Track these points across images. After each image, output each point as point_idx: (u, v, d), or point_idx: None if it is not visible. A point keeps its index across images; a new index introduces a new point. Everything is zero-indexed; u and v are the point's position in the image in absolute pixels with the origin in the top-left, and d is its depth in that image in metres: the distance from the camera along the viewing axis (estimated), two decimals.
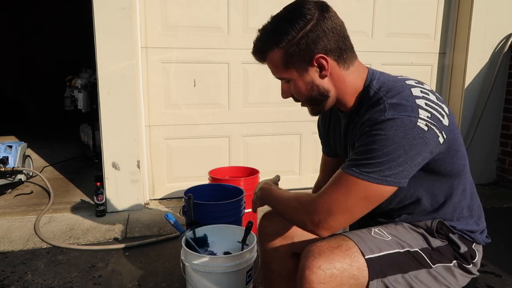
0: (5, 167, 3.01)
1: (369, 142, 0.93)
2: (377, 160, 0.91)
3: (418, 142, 0.91)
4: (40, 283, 1.88)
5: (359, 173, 0.92)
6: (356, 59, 1.07)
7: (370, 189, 0.93)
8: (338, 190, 0.95)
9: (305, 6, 0.98)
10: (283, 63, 1.02)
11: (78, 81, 3.64)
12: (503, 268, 2.01)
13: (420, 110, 0.93)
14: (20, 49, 7.42)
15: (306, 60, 0.99)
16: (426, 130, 0.91)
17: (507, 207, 2.91)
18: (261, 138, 3.07)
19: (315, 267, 0.93)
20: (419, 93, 0.97)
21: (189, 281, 1.55)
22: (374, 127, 0.93)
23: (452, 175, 1.06)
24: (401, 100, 0.94)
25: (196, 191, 2.00)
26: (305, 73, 1.02)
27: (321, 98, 1.05)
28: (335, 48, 1.00)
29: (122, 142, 2.62)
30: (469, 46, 3.11)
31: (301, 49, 0.98)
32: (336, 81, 1.03)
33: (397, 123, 0.90)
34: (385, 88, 1.00)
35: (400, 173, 0.92)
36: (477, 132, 3.22)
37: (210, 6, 2.78)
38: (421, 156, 0.93)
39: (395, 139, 0.90)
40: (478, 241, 1.12)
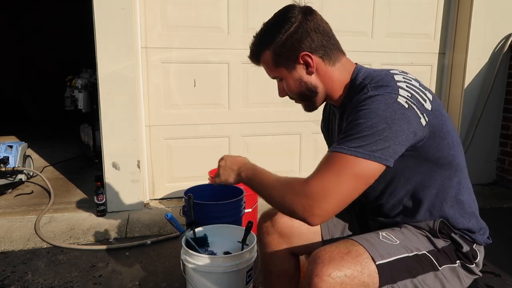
0: (6, 167, 3.01)
1: (353, 119, 0.97)
2: (362, 133, 0.93)
3: (400, 117, 0.94)
4: (40, 283, 1.88)
5: (346, 149, 0.93)
6: (344, 57, 1.14)
7: (359, 165, 0.92)
8: (329, 171, 0.94)
9: (290, 11, 1.07)
10: (273, 63, 1.11)
11: (78, 81, 3.64)
12: (503, 268, 2.02)
13: (400, 90, 0.98)
14: (20, 49, 7.42)
15: (293, 59, 1.08)
16: (407, 107, 0.95)
17: (507, 207, 2.91)
18: (261, 138, 3.07)
19: (325, 274, 0.92)
20: (401, 78, 1.03)
21: (189, 281, 1.55)
22: (358, 105, 0.98)
23: (442, 164, 1.06)
24: (383, 83, 1.00)
25: (196, 191, 2.01)
26: (293, 71, 1.10)
27: (310, 94, 1.13)
28: (319, 46, 1.07)
29: (122, 142, 2.62)
30: (469, 46, 3.12)
31: (287, 49, 1.07)
32: (323, 77, 1.11)
33: (378, 98, 0.96)
34: (370, 77, 1.06)
35: (386, 150, 0.93)
36: (477, 132, 3.22)
37: (210, 6, 2.78)
38: (404, 134, 0.95)
39: (378, 112, 0.94)
40: (478, 241, 1.12)
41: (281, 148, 3.11)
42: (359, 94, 1.01)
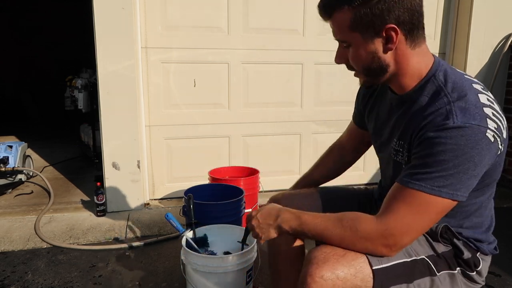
0: (6, 167, 3.01)
1: (437, 152, 0.88)
2: (447, 172, 0.87)
3: (485, 153, 0.88)
4: (40, 283, 1.88)
5: (431, 189, 0.88)
6: (425, 43, 1.01)
7: (442, 204, 0.89)
8: (411, 211, 0.90)
9: None
10: (350, 24, 0.94)
11: (78, 81, 3.64)
12: (503, 268, 2.02)
13: (488, 120, 0.88)
14: (20, 49, 7.42)
15: (376, 28, 0.93)
16: (492, 142, 0.88)
17: (507, 207, 2.91)
18: (261, 138, 3.07)
19: (317, 276, 0.91)
20: (486, 100, 0.93)
21: (189, 281, 1.55)
22: (442, 134, 0.87)
23: (487, 185, 1.03)
24: (469, 105, 0.89)
25: (196, 191, 2.01)
26: (369, 42, 0.95)
27: (379, 72, 0.99)
28: (408, 21, 0.94)
29: (122, 142, 2.62)
30: (469, 46, 3.11)
31: (374, 14, 0.91)
32: (399, 57, 0.97)
33: (467, 132, 0.86)
34: (451, 84, 0.95)
35: (467, 187, 0.90)
36: None
37: (210, 6, 2.78)
38: (484, 168, 0.91)
39: (466, 150, 0.86)
40: (483, 251, 1.09)
41: (281, 148, 3.10)
42: (438, 106, 0.91)
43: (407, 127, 0.99)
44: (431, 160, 0.88)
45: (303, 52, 2.99)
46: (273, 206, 1.11)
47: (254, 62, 2.92)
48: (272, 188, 2.80)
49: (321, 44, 3.02)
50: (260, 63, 2.93)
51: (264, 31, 2.87)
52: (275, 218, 1.05)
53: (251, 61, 2.91)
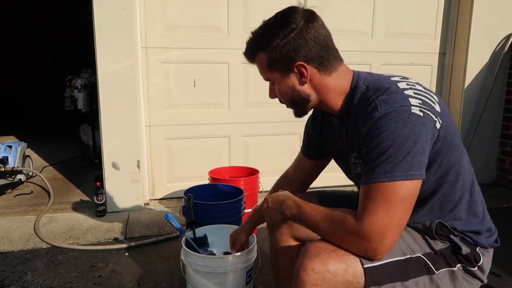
0: (5, 167, 3.01)
1: (376, 143, 0.94)
2: (391, 157, 0.92)
3: (420, 128, 0.94)
4: (40, 283, 1.88)
5: (383, 177, 0.92)
6: (341, 65, 1.10)
7: (401, 188, 0.92)
8: (377, 206, 0.92)
9: (292, 15, 1.03)
10: (267, 65, 1.08)
11: (78, 81, 3.64)
12: (503, 268, 2.01)
13: (410, 99, 0.96)
14: (20, 49, 7.42)
15: (287, 66, 1.05)
16: (422, 116, 0.95)
17: (507, 207, 2.91)
18: (261, 138, 3.07)
19: (309, 269, 0.94)
20: (405, 85, 1.01)
21: (189, 281, 1.55)
22: (373, 126, 0.95)
23: (449, 168, 1.05)
24: (390, 95, 0.98)
25: (196, 191, 2.01)
26: (286, 78, 1.07)
27: (301, 102, 1.11)
28: (316, 56, 1.03)
29: (122, 142, 2.62)
30: (469, 46, 3.11)
31: (283, 55, 1.03)
32: (317, 86, 1.08)
33: (394, 115, 0.94)
34: (372, 86, 1.03)
35: (417, 164, 0.93)
36: (477, 132, 3.22)
37: (210, 6, 2.78)
38: (428, 143, 0.95)
39: (398, 131, 0.92)
40: (482, 244, 1.09)
41: (281, 148, 3.10)
42: (367, 108, 0.99)
43: (353, 139, 1.07)
44: (375, 153, 0.94)
45: None
46: (283, 193, 1.17)
47: None
48: None
49: None
50: None
51: None
52: (281, 203, 1.14)
53: None
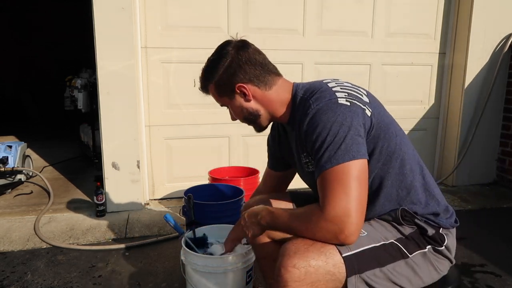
0: (5, 167, 3.01)
1: (315, 137, 1.04)
2: (330, 143, 1.01)
3: (350, 115, 1.03)
4: (40, 283, 1.88)
5: (330, 163, 1.00)
6: (280, 79, 1.23)
7: (348, 169, 0.99)
8: (334, 189, 0.98)
9: (225, 48, 1.21)
10: (217, 93, 1.25)
11: (78, 81, 3.64)
12: (503, 268, 2.01)
13: (336, 93, 1.09)
14: (20, 49, 7.42)
15: (230, 89, 1.20)
16: (349, 105, 1.05)
17: (507, 207, 2.91)
18: (261, 138, 3.04)
19: (290, 266, 0.97)
20: (334, 85, 1.14)
21: (189, 281, 1.55)
22: (310, 122, 1.06)
23: (391, 153, 1.11)
24: (320, 94, 1.10)
25: (196, 191, 2.01)
26: (233, 100, 1.23)
27: (253, 118, 1.25)
28: (253, 76, 1.18)
29: (122, 142, 2.62)
30: (469, 46, 3.11)
31: (224, 82, 1.20)
32: (261, 101, 1.21)
33: (323, 108, 1.06)
34: (308, 91, 1.15)
35: (356, 145, 1.01)
36: (477, 132, 3.22)
37: (210, 6, 2.78)
38: (360, 127, 1.04)
39: (330, 119, 1.03)
40: (444, 225, 1.15)
41: None
42: (304, 108, 1.10)
43: (299, 140, 1.16)
44: (316, 146, 1.04)
45: (303, 52, 2.99)
46: (258, 206, 1.22)
47: None
48: None
49: (321, 44, 3.02)
50: None
51: (264, 31, 2.87)
52: (256, 216, 1.18)
53: None
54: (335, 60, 3.07)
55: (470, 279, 1.92)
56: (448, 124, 3.37)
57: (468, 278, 1.93)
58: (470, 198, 3.01)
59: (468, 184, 3.29)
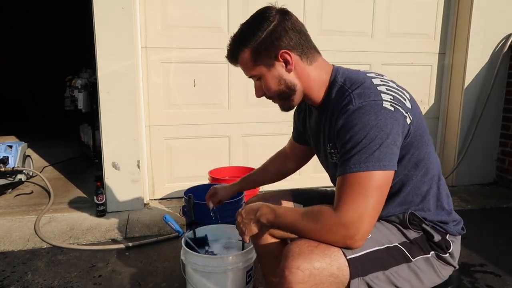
0: (5, 167, 3.01)
1: (350, 136, 0.99)
2: (365, 147, 0.97)
3: (391, 121, 0.98)
4: (40, 283, 1.88)
5: (358, 167, 0.96)
6: (320, 57, 1.17)
7: (375, 177, 0.96)
8: (353, 193, 0.96)
9: (268, 11, 1.11)
10: (252, 61, 1.12)
11: (78, 81, 3.64)
12: (503, 268, 2.02)
13: (382, 94, 1.02)
14: (20, 49, 7.42)
15: (272, 56, 1.09)
16: (393, 110, 1.00)
17: (507, 207, 2.91)
18: (261, 138, 3.07)
19: (294, 267, 0.95)
20: (379, 82, 1.07)
21: (189, 281, 1.55)
22: (348, 119, 1.01)
23: (419, 161, 1.09)
24: (364, 89, 1.03)
25: (196, 191, 2.01)
26: (272, 69, 1.11)
27: (289, 92, 1.14)
28: (297, 44, 1.10)
29: (122, 142, 2.62)
30: (469, 46, 3.11)
31: (266, 46, 1.08)
32: (301, 75, 1.12)
33: (367, 109, 0.99)
34: (349, 81, 1.09)
35: (389, 155, 0.98)
36: (477, 132, 3.22)
37: (210, 6, 2.78)
38: (399, 136, 1.00)
39: (372, 123, 0.97)
40: (451, 232, 1.15)
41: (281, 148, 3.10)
42: (342, 101, 1.05)
43: (330, 129, 1.12)
44: (349, 145, 0.99)
45: None
46: (256, 203, 1.17)
47: None
48: (272, 188, 2.80)
49: (321, 44, 2.98)
50: None
51: None
52: (255, 212, 1.13)
53: None
54: (335, 60, 3.04)
55: (470, 279, 1.92)
56: (448, 124, 3.37)
57: (468, 278, 1.93)
58: (470, 198, 3.01)
59: (468, 184, 3.29)
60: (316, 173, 3.14)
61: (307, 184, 3.11)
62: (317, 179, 3.12)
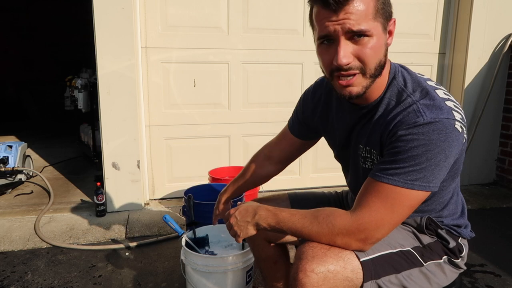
0: (5, 167, 3.01)
1: (410, 147, 0.90)
2: (421, 166, 0.90)
3: (456, 144, 0.91)
4: (40, 283, 1.88)
5: (404, 183, 0.90)
6: None
7: (415, 197, 0.92)
8: (384, 205, 0.91)
9: None
10: (373, 11, 0.90)
11: (78, 81, 3.63)
12: (503, 268, 2.02)
13: (454, 112, 0.92)
14: (20, 49, 7.42)
15: (388, 18, 0.95)
16: (460, 132, 0.92)
17: (506, 207, 2.91)
18: (261, 138, 3.05)
19: (308, 270, 0.93)
20: (444, 95, 0.97)
21: (189, 281, 1.55)
22: (414, 130, 0.90)
23: (455, 174, 1.06)
24: (433, 101, 0.93)
25: (196, 191, 2.01)
26: (384, 33, 0.94)
27: (380, 70, 0.96)
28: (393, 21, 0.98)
29: (122, 142, 2.62)
30: (469, 46, 3.11)
31: (385, 8, 0.94)
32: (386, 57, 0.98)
33: (438, 127, 0.89)
34: (410, 85, 0.98)
35: (439, 177, 0.93)
36: (477, 132, 3.22)
37: (210, 6, 2.78)
38: (454, 157, 0.94)
39: (438, 143, 0.89)
40: (464, 235, 1.14)
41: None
42: (406, 108, 0.94)
43: (374, 132, 1.01)
44: (404, 156, 0.91)
45: (303, 52, 2.99)
46: (250, 204, 1.11)
47: (254, 62, 2.92)
48: (272, 188, 2.80)
49: None
50: (260, 63, 2.93)
51: (264, 31, 2.87)
52: (253, 215, 1.06)
53: (251, 61, 2.91)
54: None
55: (470, 279, 1.92)
56: None
57: (468, 278, 1.93)
58: (470, 198, 3.01)
59: (468, 184, 3.29)
60: (316, 173, 3.14)
61: (306, 184, 3.11)
62: (317, 179, 3.13)
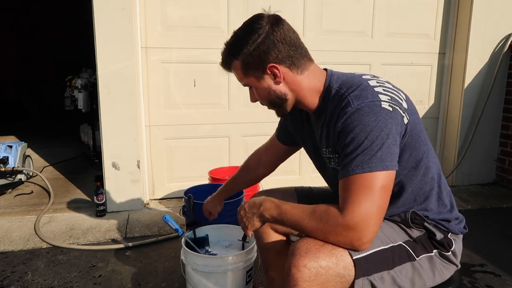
0: (5, 167, 3.01)
1: (351, 138, 0.99)
2: (366, 149, 0.97)
3: (391, 121, 0.99)
4: (40, 283, 1.88)
5: (361, 169, 0.97)
6: (312, 64, 1.15)
7: (379, 177, 0.96)
8: (359, 195, 0.96)
9: (258, 22, 1.11)
10: (242, 72, 1.13)
11: (78, 81, 3.64)
12: (503, 268, 2.02)
13: (380, 95, 1.02)
14: (20, 49, 7.42)
15: (260, 69, 1.10)
16: (392, 110, 1.00)
17: (506, 207, 2.91)
18: (261, 138, 3.05)
19: (301, 265, 0.95)
20: (375, 83, 1.07)
21: (189, 281, 1.55)
22: (347, 121, 1.00)
23: (418, 162, 1.10)
24: (361, 91, 1.03)
25: (196, 191, 2.01)
26: (261, 80, 1.12)
27: (280, 102, 1.15)
28: (286, 56, 1.09)
29: (122, 142, 2.62)
30: (469, 46, 3.11)
31: (255, 59, 1.09)
32: (291, 85, 1.12)
33: (366, 110, 0.99)
34: (345, 85, 1.08)
35: (391, 155, 0.98)
36: (477, 132, 3.22)
37: (210, 6, 2.78)
38: (398, 135, 1.01)
39: (372, 124, 0.98)
40: (453, 230, 1.16)
41: None
42: (340, 104, 1.04)
43: (328, 133, 1.12)
44: (351, 147, 0.99)
45: None
46: (259, 196, 1.17)
47: None
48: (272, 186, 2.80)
49: (321, 44, 3.02)
50: None
51: None
52: (258, 207, 1.12)
53: None
54: (335, 60, 3.07)
55: (470, 279, 1.92)
56: (448, 124, 3.37)
57: (468, 278, 1.93)
58: (470, 198, 3.01)
59: (468, 184, 3.29)
60: (316, 173, 3.14)
61: (306, 184, 3.11)
62: (317, 179, 3.12)
